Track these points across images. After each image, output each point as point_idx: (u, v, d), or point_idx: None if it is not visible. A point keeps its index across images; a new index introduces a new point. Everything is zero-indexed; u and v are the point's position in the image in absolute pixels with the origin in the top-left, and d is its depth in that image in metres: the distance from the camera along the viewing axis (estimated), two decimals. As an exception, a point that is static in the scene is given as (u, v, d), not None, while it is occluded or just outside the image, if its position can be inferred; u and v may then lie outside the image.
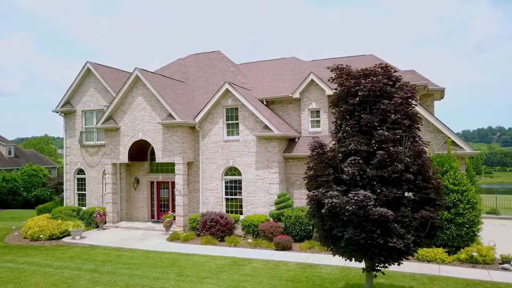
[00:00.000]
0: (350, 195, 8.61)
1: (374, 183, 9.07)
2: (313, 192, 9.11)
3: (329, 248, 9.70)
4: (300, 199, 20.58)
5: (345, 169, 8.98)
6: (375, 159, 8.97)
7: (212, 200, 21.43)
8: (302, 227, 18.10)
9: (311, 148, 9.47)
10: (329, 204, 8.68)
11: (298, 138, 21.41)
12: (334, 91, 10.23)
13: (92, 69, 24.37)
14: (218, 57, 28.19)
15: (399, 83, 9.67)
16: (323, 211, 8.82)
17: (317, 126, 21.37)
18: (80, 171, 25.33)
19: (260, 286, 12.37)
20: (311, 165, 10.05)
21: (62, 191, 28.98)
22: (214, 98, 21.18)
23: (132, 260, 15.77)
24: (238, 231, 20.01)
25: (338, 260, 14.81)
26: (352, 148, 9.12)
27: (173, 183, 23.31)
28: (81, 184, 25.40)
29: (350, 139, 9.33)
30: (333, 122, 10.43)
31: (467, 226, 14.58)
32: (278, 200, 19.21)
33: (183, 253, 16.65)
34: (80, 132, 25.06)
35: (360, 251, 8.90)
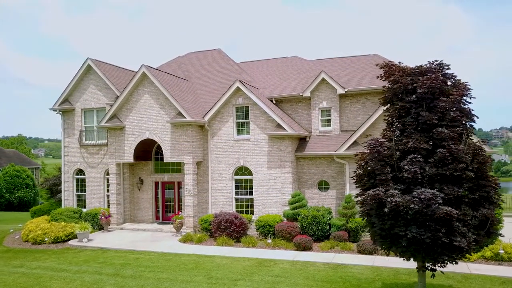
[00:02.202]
0: (415, 193, 8.48)
1: (432, 181, 8.96)
2: (373, 191, 8.92)
3: (386, 248, 9.48)
4: (312, 198, 20.43)
5: (406, 167, 8.83)
6: (435, 157, 8.87)
7: (222, 200, 21.03)
8: (320, 227, 17.95)
9: (371, 146, 9.26)
10: (392, 203, 8.51)
11: (309, 137, 21.26)
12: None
13: (93, 66, 23.56)
14: (220, 55, 27.77)
15: (453, 80, 9.60)
16: (385, 210, 8.64)
17: (328, 125, 21.27)
18: (79, 171, 24.45)
19: (297, 287, 12.12)
20: (362, 164, 9.89)
21: (58, 192, 27.92)
22: (224, 97, 20.79)
23: (152, 263, 15.25)
24: (250, 231, 19.70)
25: (364, 260, 14.78)
26: (412, 146, 8.98)
27: (179, 183, 22.79)
28: (80, 185, 24.53)
29: (408, 137, 9.20)
30: (384, 120, 10.28)
31: (491, 224, 14.71)
32: (292, 199, 19.00)
33: (202, 254, 16.23)
34: (80, 131, 24.19)
35: (423, 251, 8.77)
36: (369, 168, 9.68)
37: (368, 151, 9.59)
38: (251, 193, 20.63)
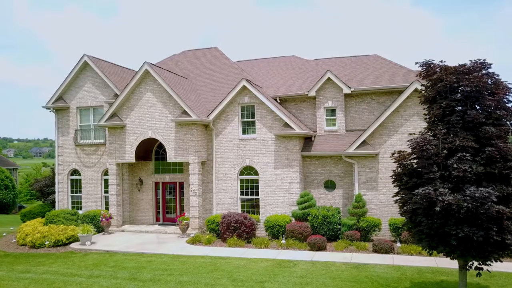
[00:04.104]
0: (467, 192, 8.45)
1: (479, 180, 8.97)
2: (423, 190, 8.83)
3: (432, 247, 9.39)
4: (318, 198, 20.33)
5: (454, 165, 8.80)
6: (482, 155, 8.90)
7: (227, 201, 20.69)
8: (330, 227, 17.86)
9: (419, 145, 9.16)
10: (445, 202, 8.45)
11: (314, 136, 21.17)
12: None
13: (90, 62, 22.77)
14: (217, 54, 27.39)
15: (494, 79, 9.65)
16: (437, 209, 8.55)
17: (333, 125, 21.23)
18: (75, 172, 23.59)
19: (327, 288, 11.96)
20: (404, 162, 9.82)
21: (48, 194, 26.89)
22: (229, 95, 20.45)
23: (168, 265, 14.77)
24: (258, 232, 19.45)
25: (383, 259, 14.77)
26: (459, 144, 8.96)
27: (180, 183, 22.29)
28: (75, 185, 23.66)
29: (455, 135, 9.18)
30: (425, 118, 10.25)
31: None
32: (301, 199, 18.84)
33: (217, 256, 15.86)
34: (75, 130, 23.33)
35: (474, 249, 8.75)
36: (409, 166, 9.63)
37: (411, 149, 9.51)
38: (256, 193, 20.37)
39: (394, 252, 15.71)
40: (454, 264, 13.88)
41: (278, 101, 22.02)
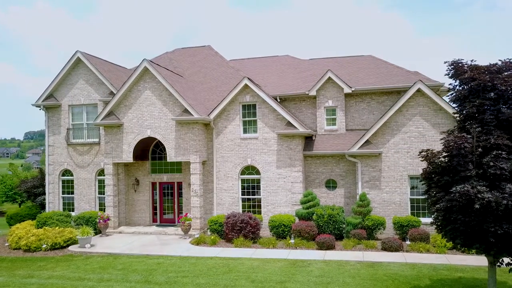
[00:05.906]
0: (507, 189, 8.57)
1: (512, 177, 9.11)
2: (461, 188, 8.89)
3: (467, 244, 9.46)
4: (319, 197, 20.32)
5: (491, 163, 8.91)
6: (517, 153, 9.04)
7: (228, 201, 20.42)
8: (336, 226, 17.88)
9: (457, 143, 9.20)
10: (484, 200, 8.53)
11: (315, 136, 21.18)
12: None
13: (84, 59, 22.02)
14: (211, 52, 27.04)
15: (521, 78, 9.82)
16: (476, 206, 8.62)
17: (333, 124, 21.29)
18: (66, 172, 22.75)
19: (349, 287, 11.91)
20: (435, 161, 9.88)
21: (36, 195, 25.85)
22: (231, 94, 20.20)
23: (179, 267, 14.40)
24: (261, 232, 19.27)
25: (395, 257, 14.91)
26: (494, 142, 9.08)
27: (179, 183, 21.85)
28: (66, 186, 22.83)
29: (489, 134, 9.29)
30: (455, 117, 10.34)
31: None
32: (305, 199, 18.78)
33: (227, 257, 15.59)
34: (67, 129, 22.50)
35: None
36: (440, 165, 9.70)
37: (445, 147, 9.57)
38: (258, 193, 20.20)
39: (404, 250, 15.86)
40: (466, 261, 14.15)
41: (278, 100, 21.91)
